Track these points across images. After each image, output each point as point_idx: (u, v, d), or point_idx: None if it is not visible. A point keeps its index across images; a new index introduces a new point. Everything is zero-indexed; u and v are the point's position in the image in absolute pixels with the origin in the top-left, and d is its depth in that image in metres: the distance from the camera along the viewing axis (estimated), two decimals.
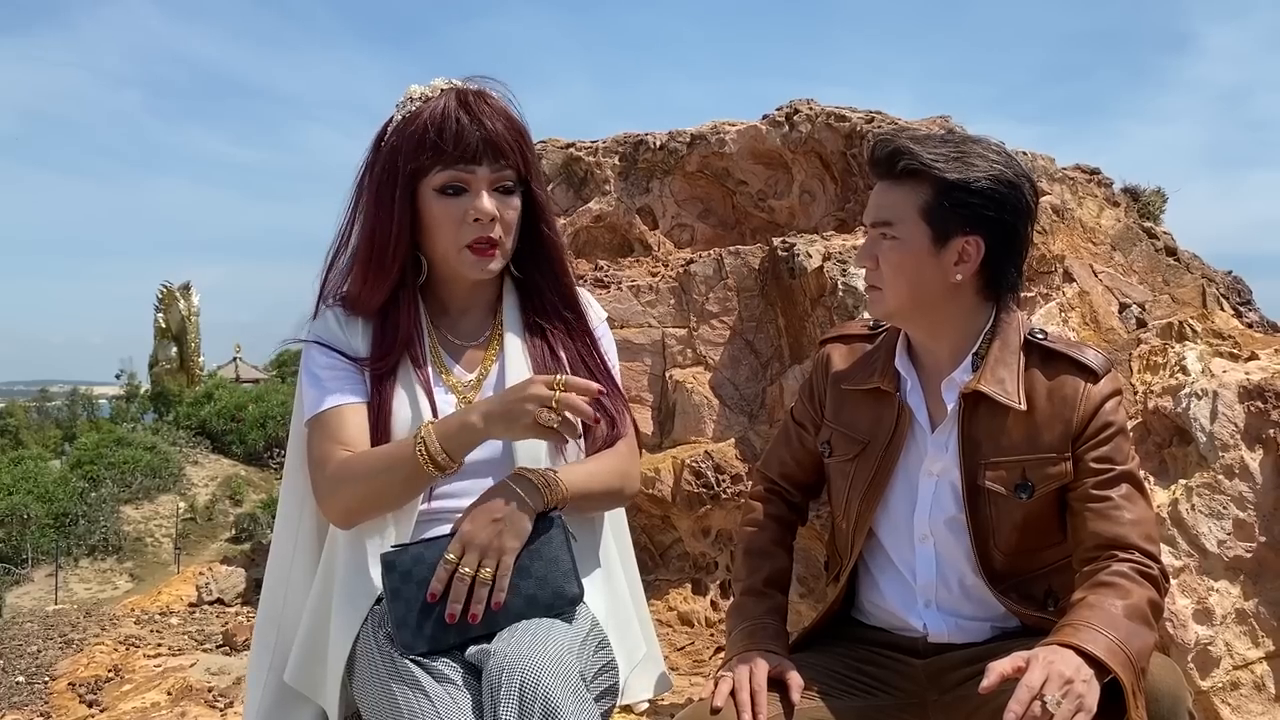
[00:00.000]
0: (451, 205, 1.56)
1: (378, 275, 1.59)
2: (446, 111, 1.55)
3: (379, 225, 1.58)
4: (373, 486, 1.52)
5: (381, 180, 1.57)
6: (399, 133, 1.57)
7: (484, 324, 1.68)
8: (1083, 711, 1.33)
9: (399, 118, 1.58)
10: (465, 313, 1.68)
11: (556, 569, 1.50)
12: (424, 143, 1.54)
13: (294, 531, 1.67)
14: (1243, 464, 2.80)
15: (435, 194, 1.56)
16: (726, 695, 1.54)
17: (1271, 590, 2.74)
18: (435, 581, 1.44)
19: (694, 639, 3.73)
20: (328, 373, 1.59)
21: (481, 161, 1.55)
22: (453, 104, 1.55)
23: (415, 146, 1.54)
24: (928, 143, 1.56)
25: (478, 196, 1.56)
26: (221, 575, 7.67)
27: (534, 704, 1.32)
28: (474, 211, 1.55)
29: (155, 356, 27.89)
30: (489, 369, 1.65)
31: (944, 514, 1.63)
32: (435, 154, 1.54)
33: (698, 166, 4.68)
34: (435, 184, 1.56)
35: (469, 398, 1.61)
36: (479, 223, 1.56)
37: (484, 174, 1.56)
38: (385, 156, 1.57)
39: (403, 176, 1.55)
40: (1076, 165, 4.21)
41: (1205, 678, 2.68)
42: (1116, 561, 1.50)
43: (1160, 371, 3.14)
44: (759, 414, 4.06)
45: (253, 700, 1.66)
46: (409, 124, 1.56)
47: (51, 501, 18.42)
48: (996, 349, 1.60)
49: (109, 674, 4.70)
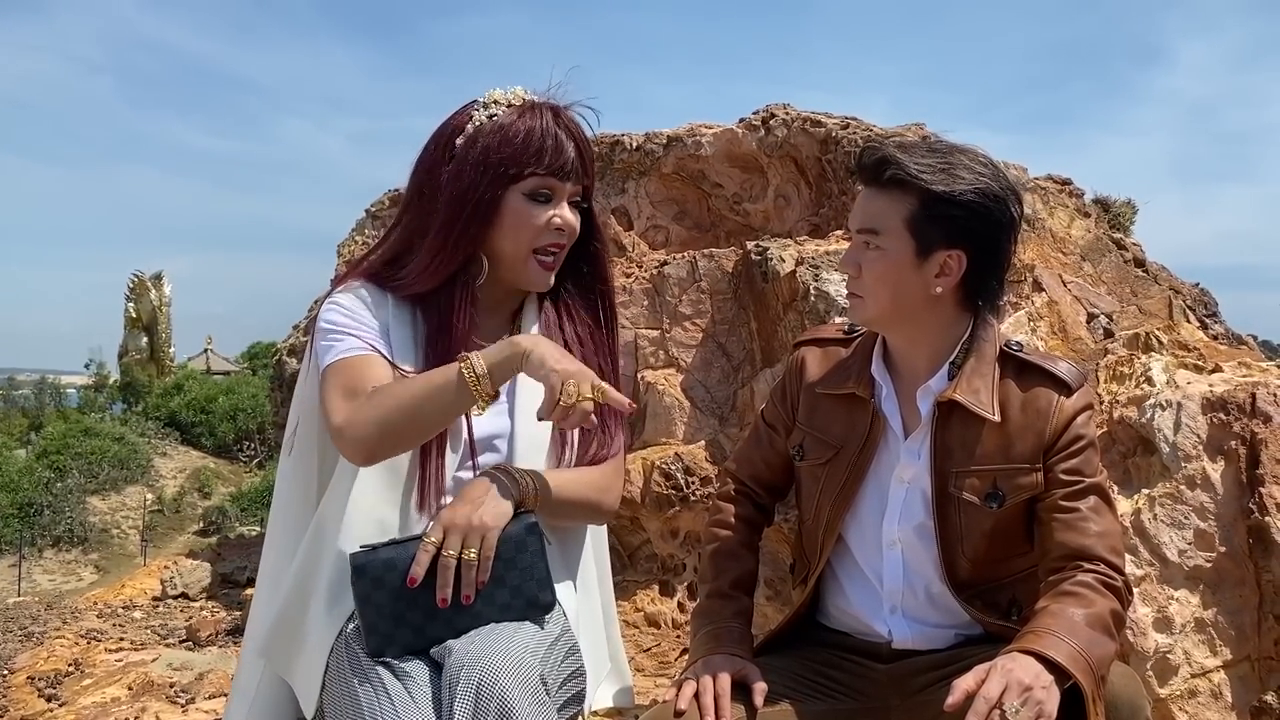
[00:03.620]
0: (538, 210, 1.62)
1: (444, 262, 1.62)
2: (547, 123, 1.62)
3: (460, 213, 1.60)
4: (409, 410, 1.48)
5: (473, 176, 1.60)
6: (495, 135, 1.61)
7: (502, 329, 1.71)
8: (1043, 717, 1.34)
9: (484, 119, 1.62)
10: (489, 315, 1.71)
11: (531, 578, 1.50)
12: (527, 148, 1.60)
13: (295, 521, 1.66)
14: (1204, 475, 2.83)
15: (524, 198, 1.61)
16: (690, 698, 1.54)
17: (1230, 600, 2.77)
18: (416, 566, 1.43)
19: (660, 640, 3.74)
20: (353, 325, 1.60)
21: (570, 177, 1.63)
22: (552, 119, 1.63)
23: (517, 150, 1.60)
24: (915, 152, 1.56)
25: (560, 207, 1.63)
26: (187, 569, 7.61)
27: (490, 703, 1.32)
28: (559, 219, 1.63)
29: (125, 346, 27.58)
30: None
31: (913, 521, 1.63)
32: (536, 161, 1.60)
33: (674, 168, 4.68)
34: (526, 188, 1.61)
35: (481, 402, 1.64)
36: (559, 231, 1.63)
37: (569, 188, 1.64)
38: (478, 155, 1.61)
39: (496, 174, 1.60)
40: (1048, 175, 4.25)
41: (1164, 685, 2.71)
42: (1081, 572, 1.52)
43: (1126, 382, 3.17)
44: (730, 417, 4.07)
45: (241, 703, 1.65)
46: (506, 129, 1.61)
47: (16, 491, 18.17)
48: (973, 359, 1.61)
49: (69, 668, 4.65)
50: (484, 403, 1.49)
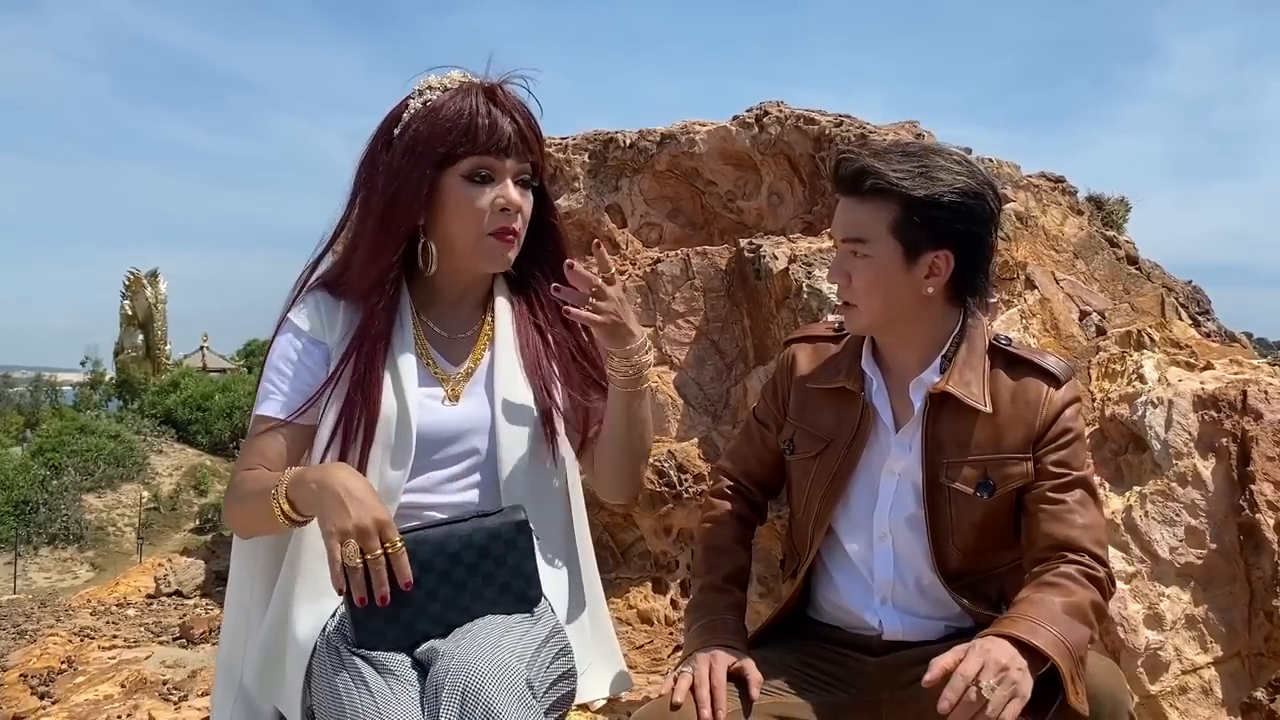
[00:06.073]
0: (478, 192, 1.56)
1: (379, 255, 1.57)
2: (478, 103, 1.55)
3: (395, 204, 1.55)
4: (249, 510, 1.52)
5: (403, 162, 1.55)
6: (425, 119, 1.55)
7: (473, 317, 1.68)
8: (1017, 698, 1.37)
9: (419, 105, 1.56)
10: (455, 305, 1.67)
11: (520, 574, 1.50)
12: (456, 129, 1.53)
13: (250, 558, 1.65)
14: (1195, 472, 2.84)
15: (462, 180, 1.55)
16: (686, 691, 1.55)
17: (1221, 597, 2.78)
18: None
19: (653, 637, 3.74)
20: (286, 371, 1.58)
21: (510, 154, 1.56)
22: (483, 97, 1.56)
23: (446, 132, 1.54)
24: (891, 158, 1.58)
25: (504, 186, 1.57)
26: (181, 567, 7.60)
27: (474, 710, 1.31)
28: (502, 200, 1.56)
29: (121, 344, 27.53)
30: (479, 362, 1.65)
31: (904, 512, 1.66)
32: (468, 141, 1.54)
33: (667, 166, 4.68)
34: (463, 170, 1.55)
35: (457, 390, 1.62)
36: (506, 212, 1.57)
37: (511, 165, 1.57)
38: (408, 140, 1.55)
39: (428, 159, 1.54)
40: (1041, 173, 4.25)
41: (1154, 682, 2.72)
42: (1065, 563, 1.55)
43: (1118, 379, 3.17)
44: (723, 414, 4.07)
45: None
46: (437, 111, 1.55)
47: (12, 489, 18.15)
48: (964, 352, 1.64)
49: (62, 665, 4.64)
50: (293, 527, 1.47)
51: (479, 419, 1.61)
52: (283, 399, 1.57)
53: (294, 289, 1.66)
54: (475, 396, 1.62)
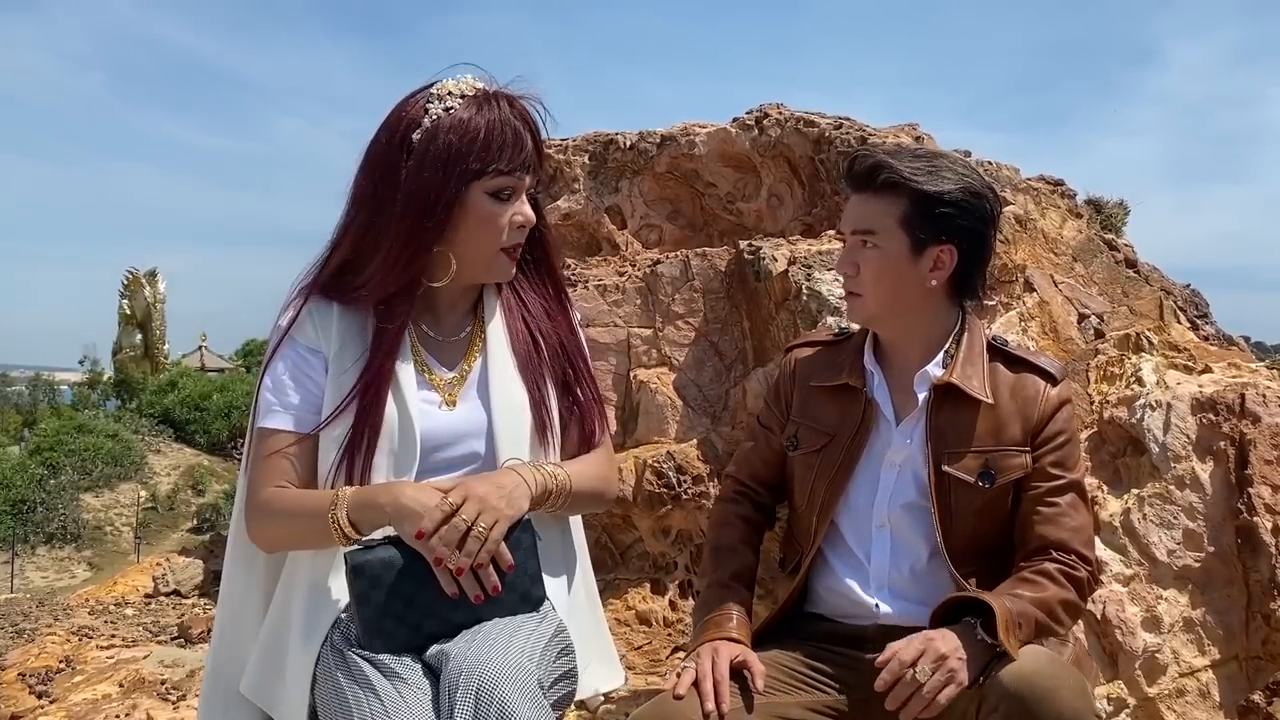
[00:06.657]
0: (501, 209, 1.58)
1: (405, 265, 1.57)
2: (505, 117, 1.56)
3: (427, 215, 1.54)
4: (293, 530, 1.54)
5: (435, 174, 1.54)
6: (455, 131, 1.54)
7: (464, 321, 1.68)
8: (953, 684, 1.48)
9: (440, 112, 1.55)
10: (448, 310, 1.67)
11: (524, 574, 1.50)
12: (489, 145, 1.55)
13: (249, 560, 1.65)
14: (1194, 475, 2.85)
15: (487, 197, 1.57)
16: (689, 685, 1.59)
17: (1218, 600, 2.78)
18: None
19: (651, 638, 3.74)
20: (291, 384, 1.58)
21: (529, 171, 1.60)
22: (508, 112, 1.57)
23: (481, 148, 1.54)
24: (902, 157, 1.69)
25: (522, 203, 1.60)
26: (179, 566, 7.60)
27: (489, 709, 1.31)
28: (520, 218, 1.60)
29: (119, 343, 27.54)
30: (471, 366, 1.65)
31: (902, 501, 1.73)
32: (498, 158, 1.55)
33: (667, 167, 4.68)
34: (489, 187, 1.57)
35: (453, 395, 1.62)
36: (521, 229, 1.61)
37: (528, 182, 1.61)
38: (439, 151, 1.54)
39: (460, 173, 1.54)
40: (1040, 176, 4.25)
41: (1152, 685, 2.72)
42: (1049, 561, 1.66)
43: (1116, 382, 3.18)
44: (722, 416, 4.08)
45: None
46: (465, 124, 1.54)
47: (9, 488, 18.16)
48: (964, 348, 1.73)
49: (60, 665, 4.64)
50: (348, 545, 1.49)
51: (476, 423, 1.62)
52: (293, 414, 1.57)
53: (291, 292, 1.65)
54: (471, 400, 1.63)
